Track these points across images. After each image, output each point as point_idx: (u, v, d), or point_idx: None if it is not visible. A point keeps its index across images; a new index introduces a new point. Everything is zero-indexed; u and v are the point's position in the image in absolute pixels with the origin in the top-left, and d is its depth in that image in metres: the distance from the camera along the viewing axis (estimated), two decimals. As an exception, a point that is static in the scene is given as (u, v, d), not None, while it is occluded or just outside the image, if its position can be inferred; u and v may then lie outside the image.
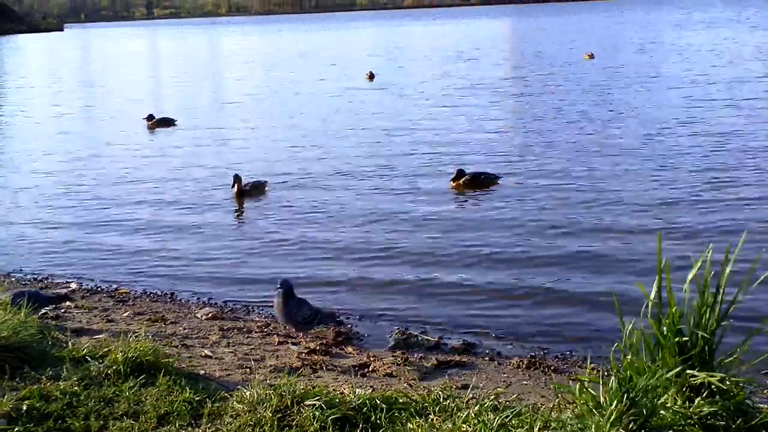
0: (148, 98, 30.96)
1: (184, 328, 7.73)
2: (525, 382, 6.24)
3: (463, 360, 6.90)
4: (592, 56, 36.47)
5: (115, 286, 9.58)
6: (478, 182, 13.49)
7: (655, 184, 12.83)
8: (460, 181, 13.44)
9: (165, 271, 10.13)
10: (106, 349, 5.35)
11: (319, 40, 74.14)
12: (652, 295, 4.33)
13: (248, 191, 13.46)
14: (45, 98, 32.94)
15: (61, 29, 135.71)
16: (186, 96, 30.83)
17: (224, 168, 15.78)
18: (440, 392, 4.79)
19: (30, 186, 15.40)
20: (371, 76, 33.05)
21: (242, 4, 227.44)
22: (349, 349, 7.27)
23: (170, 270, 10.15)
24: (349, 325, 8.04)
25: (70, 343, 5.68)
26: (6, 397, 4.57)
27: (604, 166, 14.34)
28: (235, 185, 13.41)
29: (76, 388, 4.76)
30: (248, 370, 6.24)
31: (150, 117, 22.26)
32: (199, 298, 9.10)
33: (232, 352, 6.93)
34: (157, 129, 21.76)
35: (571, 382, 5.96)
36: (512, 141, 17.28)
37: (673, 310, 4.23)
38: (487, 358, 6.98)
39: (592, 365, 6.04)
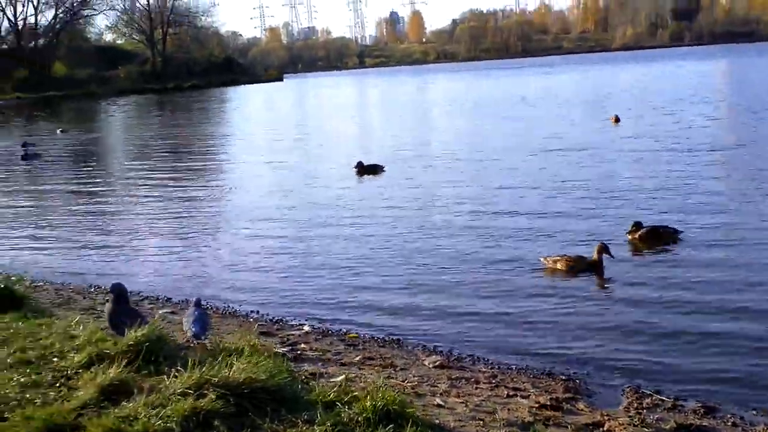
0: (358, 144, 31.84)
1: (414, 376, 7.88)
2: (775, 453, 5.90)
3: (704, 424, 6.62)
4: None
5: (344, 329, 9.91)
6: (656, 235, 12.97)
7: None
8: (637, 234, 13.01)
9: (388, 316, 10.36)
10: (352, 395, 5.56)
11: (534, 84, 73.49)
12: None
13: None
14: (264, 142, 34.79)
15: (281, 79, 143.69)
16: (396, 143, 31.08)
17: (442, 219, 15.96)
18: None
19: (251, 229, 16.18)
20: (616, 120, 31.69)
21: (450, 51, 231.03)
22: (580, 405, 7.15)
23: (393, 315, 10.38)
24: (577, 380, 7.94)
25: (317, 387, 5.95)
26: (267, 438, 4.86)
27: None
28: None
29: (330, 433, 4.99)
30: (481, 422, 6.27)
31: (359, 164, 22.72)
32: (424, 346, 9.25)
33: (462, 402, 6.99)
34: (365, 176, 22.19)
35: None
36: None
37: None
38: (729, 424, 6.66)
39: None
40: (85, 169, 30.03)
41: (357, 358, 8.52)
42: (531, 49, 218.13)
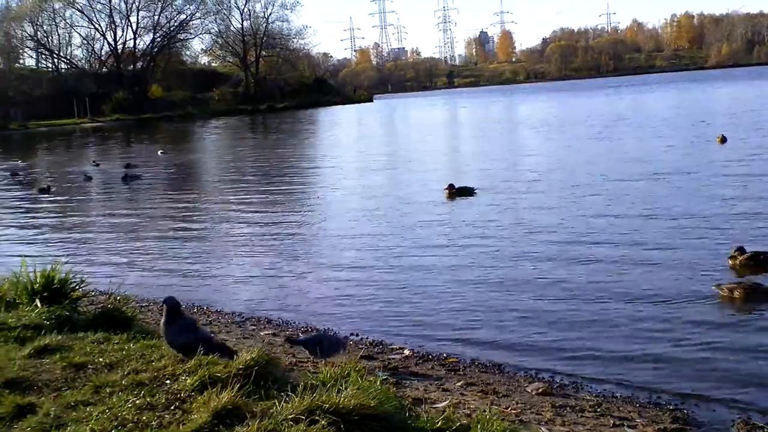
0: (448, 166, 31.70)
1: (517, 403, 7.79)
2: None
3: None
4: None
5: (444, 354, 9.87)
6: (758, 261, 12.55)
7: None
8: (737, 261, 12.68)
9: (488, 341, 10.26)
10: (461, 423, 5.53)
11: (629, 103, 71.87)
12: None
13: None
14: (355, 164, 35.01)
15: (371, 100, 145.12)
16: (487, 164, 30.81)
17: (538, 244, 15.76)
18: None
19: (345, 252, 16.24)
20: (723, 140, 30.80)
21: (540, 70, 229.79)
22: (691, 438, 6.96)
23: (493, 341, 10.28)
24: (685, 410, 7.72)
25: (423, 414, 5.93)
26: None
27: None
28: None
29: (441, 462, 4.96)
30: (589, 452, 6.16)
31: (450, 186, 22.63)
32: (526, 372, 9.14)
33: (568, 431, 6.88)
34: (457, 198, 22.05)
35: None
36: None
37: None
38: None
39: None
40: (182, 191, 30.75)
41: (458, 384, 8.47)
42: (623, 67, 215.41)
